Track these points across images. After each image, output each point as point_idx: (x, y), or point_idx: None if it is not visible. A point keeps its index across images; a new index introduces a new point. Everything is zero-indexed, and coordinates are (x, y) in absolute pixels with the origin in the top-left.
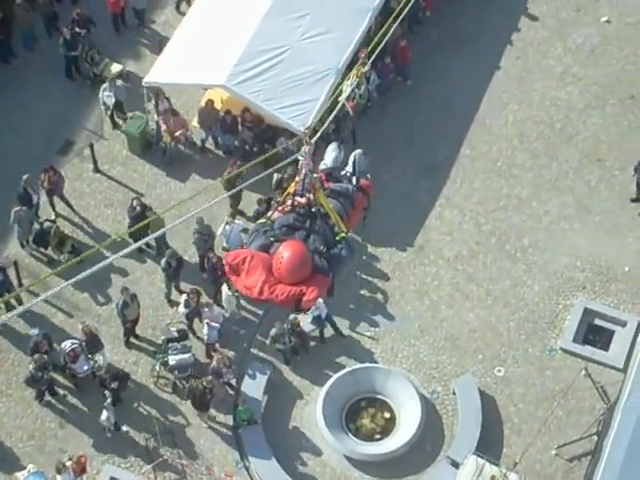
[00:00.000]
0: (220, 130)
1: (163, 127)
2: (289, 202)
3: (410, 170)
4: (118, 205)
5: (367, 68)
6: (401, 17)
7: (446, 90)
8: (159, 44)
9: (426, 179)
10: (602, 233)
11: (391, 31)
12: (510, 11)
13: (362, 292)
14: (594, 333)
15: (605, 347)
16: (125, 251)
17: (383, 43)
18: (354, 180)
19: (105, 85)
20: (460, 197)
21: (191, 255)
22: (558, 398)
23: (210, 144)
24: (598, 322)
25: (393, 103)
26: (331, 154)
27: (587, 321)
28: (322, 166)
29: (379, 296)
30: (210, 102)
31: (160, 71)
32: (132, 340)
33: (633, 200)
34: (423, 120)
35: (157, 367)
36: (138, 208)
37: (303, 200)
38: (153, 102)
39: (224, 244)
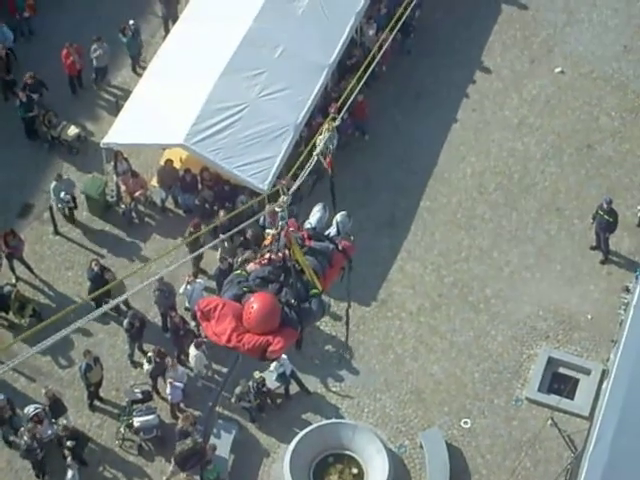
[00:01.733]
0: (180, 189)
1: (122, 188)
2: (266, 255)
3: (370, 225)
4: (79, 267)
5: (338, 122)
6: (369, 70)
7: (404, 144)
8: (116, 105)
9: (386, 233)
10: (563, 281)
11: (360, 84)
12: (465, 64)
13: (327, 347)
14: (559, 382)
15: (570, 395)
16: (90, 316)
17: (352, 97)
18: (336, 241)
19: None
20: (421, 250)
21: (153, 315)
22: (525, 448)
23: (170, 204)
24: (562, 371)
25: (351, 158)
26: (316, 214)
27: (551, 370)
28: (307, 225)
29: (344, 351)
30: (169, 162)
31: (118, 132)
32: (96, 403)
33: (593, 248)
34: (382, 175)
35: (122, 429)
36: (96, 269)
37: (279, 254)
38: (112, 163)
39: (186, 304)
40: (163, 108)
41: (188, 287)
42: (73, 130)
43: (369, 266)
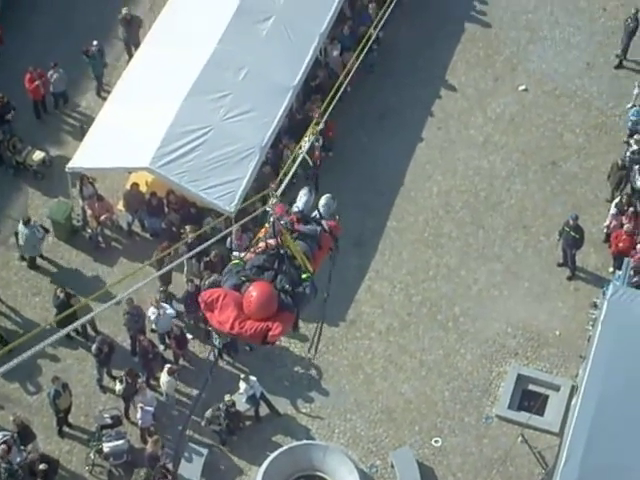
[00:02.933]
0: (146, 213)
1: (89, 212)
2: (260, 245)
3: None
4: (46, 293)
5: (322, 126)
6: (339, 92)
7: (370, 164)
8: (81, 129)
9: (354, 253)
10: (531, 298)
11: (331, 107)
12: (429, 82)
13: (296, 369)
14: (529, 399)
15: (540, 412)
16: (53, 338)
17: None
18: (323, 222)
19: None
20: (389, 269)
21: (122, 340)
22: (497, 466)
23: (137, 227)
24: (532, 387)
25: (318, 179)
26: (302, 198)
27: (521, 387)
28: (294, 209)
29: (313, 372)
30: (135, 185)
31: (83, 156)
32: (65, 429)
33: (560, 265)
34: (349, 195)
35: (92, 455)
36: (62, 296)
37: (272, 242)
38: (77, 188)
39: (153, 326)
40: (128, 132)
41: (154, 310)
42: (38, 155)
43: (337, 286)
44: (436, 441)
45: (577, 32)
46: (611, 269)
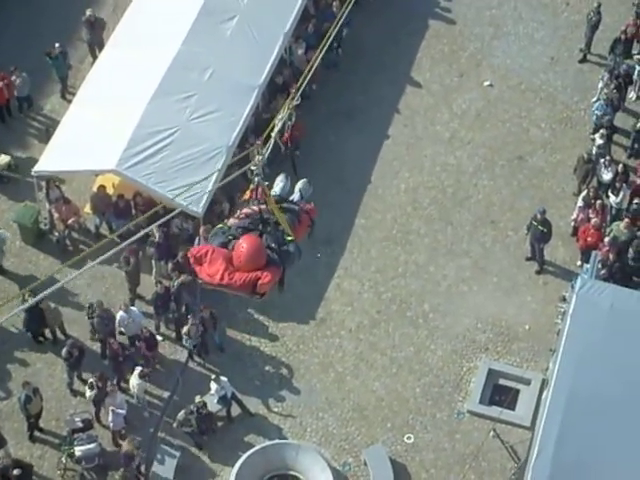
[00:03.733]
0: (113, 215)
1: (55, 215)
2: (244, 211)
3: (306, 244)
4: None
5: (297, 102)
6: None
7: (337, 162)
8: (46, 132)
9: (323, 251)
10: (500, 293)
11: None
12: (394, 80)
13: (267, 368)
14: (500, 393)
15: (511, 406)
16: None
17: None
18: (300, 204)
19: None
20: (358, 267)
21: (91, 343)
22: (469, 461)
23: (104, 230)
24: (503, 382)
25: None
26: (279, 184)
27: (492, 382)
28: (272, 193)
29: (284, 371)
30: (102, 187)
31: (49, 159)
32: (36, 434)
33: (528, 259)
34: (316, 193)
35: (63, 459)
36: (30, 301)
37: (256, 208)
38: (44, 191)
39: (121, 329)
40: (94, 134)
41: (123, 314)
42: (3, 159)
43: (306, 285)
44: (408, 438)
45: (541, 27)
46: (579, 262)
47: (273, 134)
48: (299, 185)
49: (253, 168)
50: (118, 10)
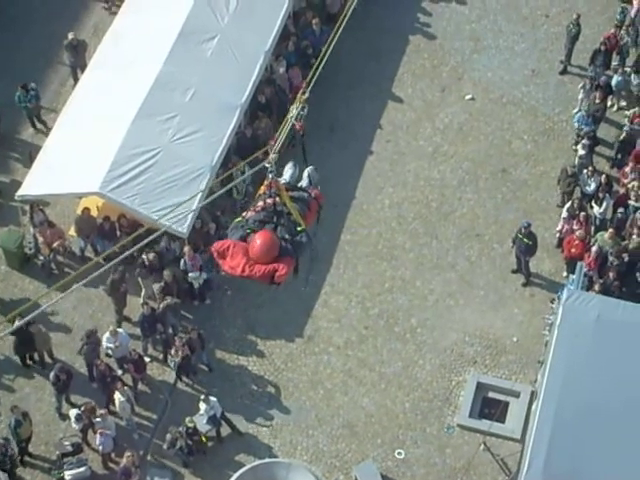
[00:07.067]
0: (98, 237)
1: (40, 239)
2: (260, 204)
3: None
4: (1, 321)
5: (307, 95)
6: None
7: (321, 178)
8: (29, 156)
9: (308, 268)
10: (487, 306)
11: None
12: (376, 96)
13: (255, 387)
14: (489, 406)
15: (501, 419)
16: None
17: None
18: (309, 190)
19: None
20: (344, 283)
21: (79, 366)
22: (460, 475)
23: (90, 252)
24: (492, 395)
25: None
26: (288, 171)
27: (481, 395)
28: (282, 181)
29: (273, 389)
30: (86, 210)
31: (33, 183)
32: (26, 458)
33: (514, 271)
34: None
35: None
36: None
37: (270, 201)
38: (28, 215)
39: (109, 352)
40: (77, 156)
41: (111, 337)
42: None
43: (293, 302)
44: (399, 453)
45: (521, 40)
46: (565, 274)
47: (289, 117)
48: (307, 171)
49: (267, 165)
50: (99, 32)
